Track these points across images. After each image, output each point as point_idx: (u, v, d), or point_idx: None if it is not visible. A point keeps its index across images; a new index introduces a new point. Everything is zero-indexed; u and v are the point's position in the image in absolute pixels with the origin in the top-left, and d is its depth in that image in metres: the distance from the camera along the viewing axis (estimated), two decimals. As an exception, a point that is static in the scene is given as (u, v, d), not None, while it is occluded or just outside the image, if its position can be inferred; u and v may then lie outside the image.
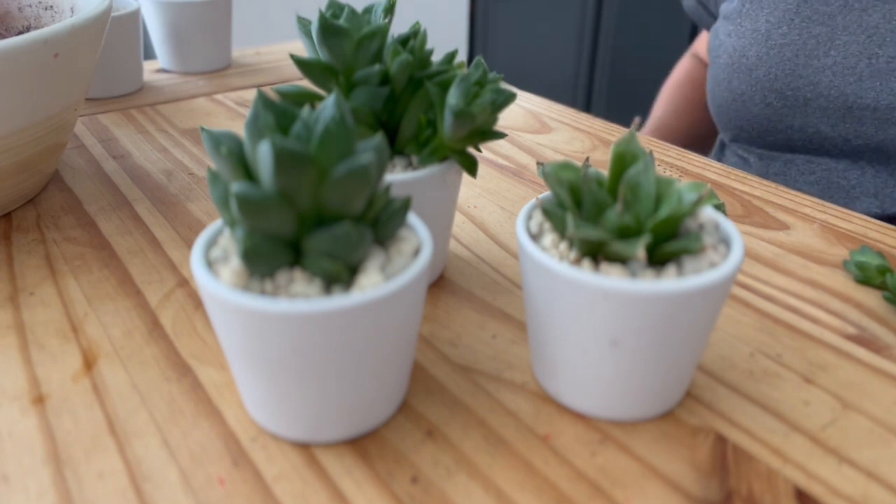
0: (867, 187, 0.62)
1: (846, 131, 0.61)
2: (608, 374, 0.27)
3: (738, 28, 0.67)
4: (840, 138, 0.61)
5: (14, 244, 0.41)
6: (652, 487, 0.26)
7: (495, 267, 0.40)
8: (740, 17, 0.66)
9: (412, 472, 0.26)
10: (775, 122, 0.65)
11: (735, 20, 0.67)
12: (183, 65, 0.73)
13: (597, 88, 2.15)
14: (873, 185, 0.62)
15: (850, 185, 0.63)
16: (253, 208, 0.23)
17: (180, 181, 0.49)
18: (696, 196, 0.26)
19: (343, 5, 0.34)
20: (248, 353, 0.25)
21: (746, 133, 0.68)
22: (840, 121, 0.61)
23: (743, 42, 0.65)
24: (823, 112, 0.61)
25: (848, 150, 0.62)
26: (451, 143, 0.33)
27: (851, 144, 0.61)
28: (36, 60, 0.37)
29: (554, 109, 0.65)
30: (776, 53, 0.62)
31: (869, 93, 0.58)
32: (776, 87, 0.63)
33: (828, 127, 0.61)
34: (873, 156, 0.61)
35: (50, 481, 0.26)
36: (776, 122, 0.65)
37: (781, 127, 0.64)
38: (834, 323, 0.35)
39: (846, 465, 0.27)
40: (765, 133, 0.66)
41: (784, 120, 0.64)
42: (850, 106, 0.59)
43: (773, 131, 0.66)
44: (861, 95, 0.59)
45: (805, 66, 0.61)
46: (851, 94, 0.59)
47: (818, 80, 0.60)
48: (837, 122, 0.61)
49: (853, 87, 0.59)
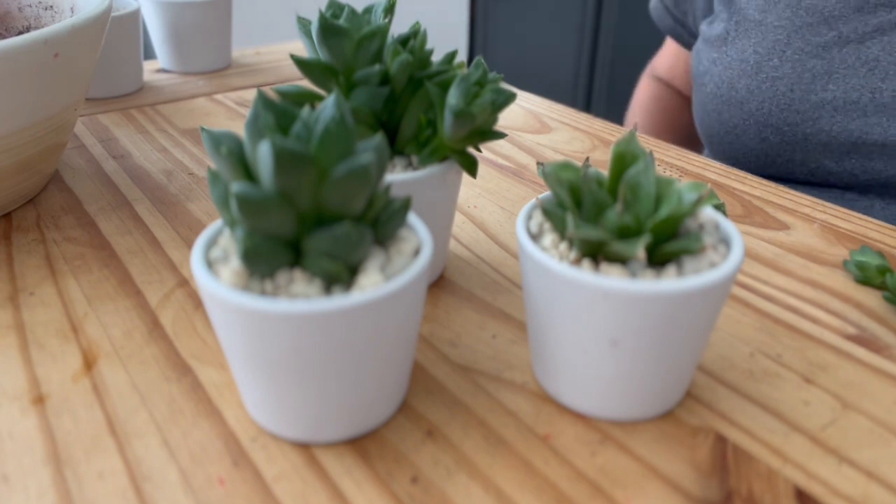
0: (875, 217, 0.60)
1: (852, 167, 0.58)
2: (608, 374, 0.27)
3: (723, 56, 0.63)
4: (846, 173, 0.58)
5: (14, 244, 0.41)
6: (652, 487, 0.26)
7: (495, 267, 0.40)
8: (725, 44, 0.63)
9: (412, 472, 0.26)
10: (774, 156, 0.61)
11: (719, 47, 0.63)
12: (183, 65, 0.73)
13: (597, 88, 2.16)
14: (883, 218, 0.59)
15: None
16: (253, 208, 0.23)
17: (180, 181, 0.49)
18: (696, 196, 0.26)
19: (343, 5, 0.34)
20: (248, 353, 0.25)
21: (743, 165, 0.64)
22: (845, 156, 0.58)
23: (730, 73, 0.62)
24: (826, 147, 0.58)
25: (855, 184, 0.59)
26: (451, 143, 0.33)
27: (859, 179, 0.58)
28: (36, 60, 0.37)
29: (554, 109, 0.65)
30: (768, 87, 0.59)
31: (875, 128, 0.55)
32: (771, 122, 0.59)
33: (832, 162, 0.58)
34: (883, 189, 0.58)
35: (50, 481, 0.26)
36: (775, 157, 0.61)
37: (781, 161, 0.61)
38: (834, 323, 0.35)
39: (846, 465, 0.27)
40: (763, 166, 0.63)
41: (783, 154, 0.60)
42: (855, 142, 0.56)
43: (772, 165, 0.62)
44: (867, 131, 0.56)
45: (802, 100, 0.58)
46: (856, 129, 0.56)
47: (818, 116, 0.57)
48: (842, 157, 0.58)
49: (858, 123, 0.56)
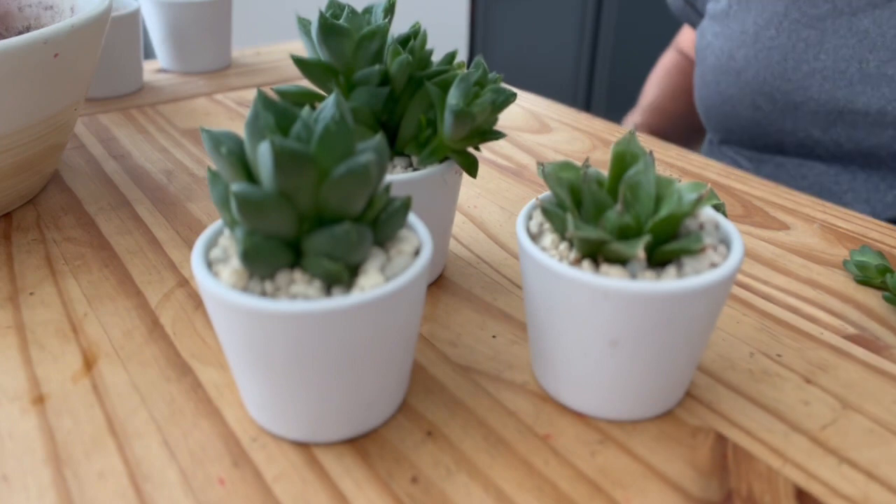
0: (859, 192, 0.61)
1: (837, 135, 0.60)
2: (608, 374, 0.27)
3: (725, 29, 0.65)
4: (832, 142, 0.61)
5: (14, 244, 0.41)
6: (652, 487, 0.26)
7: (495, 267, 0.40)
8: (727, 18, 0.65)
9: (412, 472, 0.26)
10: (765, 125, 0.64)
11: (722, 21, 0.66)
12: (183, 65, 0.73)
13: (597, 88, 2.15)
14: (865, 190, 0.61)
15: (842, 191, 0.62)
16: (253, 208, 0.23)
17: (180, 181, 0.49)
18: (696, 196, 0.26)
19: (343, 5, 0.34)
20: (248, 353, 0.25)
21: (736, 136, 0.67)
22: (831, 125, 0.60)
23: (730, 44, 0.64)
24: (814, 116, 0.60)
25: (840, 154, 0.61)
26: (451, 143, 0.33)
27: (843, 149, 0.60)
28: (36, 60, 0.37)
29: (554, 109, 0.65)
30: (764, 56, 0.61)
31: (860, 97, 0.57)
32: (765, 91, 0.62)
33: (819, 131, 0.61)
34: (865, 160, 0.61)
35: (50, 481, 0.26)
36: (766, 126, 0.64)
37: (771, 130, 0.64)
38: (834, 323, 0.35)
39: (846, 465, 0.27)
40: (755, 136, 0.65)
41: (774, 123, 0.63)
42: (841, 110, 0.59)
43: (762, 135, 0.65)
44: (852, 100, 0.58)
45: (794, 69, 0.60)
46: (842, 98, 0.58)
47: (808, 84, 0.59)
48: (828, 126, 0.60)
49: (844, 92, 0.58)
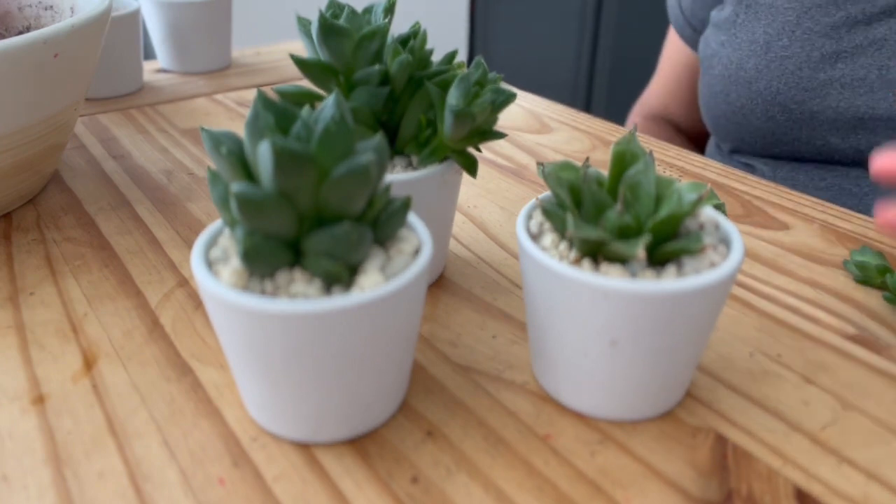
0: (880, 194, 0.60)
1: (858, 143, 0.59)
2: (608, 374, 0.27)
3: (732, 38, 0.64)
4: (851, 149, 0.60)
5: (14, 244, 0.41)
6: (652, 487, 0.26)
7: (495, 267, 0.40)
8: (734, 27, 0.65)
9: (412, 472, 0.26)
10: (780, 135, 0.63)
11: (728, 30, 0.65)
12: (183, 65, 0.73)
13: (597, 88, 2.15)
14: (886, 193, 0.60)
15: (862, 193, 0.61)
16: (253, 208, 0.23)
17: (180, 181, 0.49)
18: (696, 196, 0.26)
19: (343, 5, 0.34)
20: (248, 353, 0.25)
21: (749, 145, 0.66)
22: (851, 133, 0.59)
23: (739, 54, 0.63)
24: (832, 125, 0.59)
25: (860, 160, 0.60)
26: (451, 143, 0.33)
27: (864, 155, 0.60)
28: (36, 60, 0.37)
29: (554, 109, 0.65)
30: (777, 66, 0.61)
31: (881, 103, 0.57)
32: (779, 101, 0.61)
33: (838, 139, 0.60)
34: None
35: (50, 481, 0.26)
36: (780, 136, 0.63)
37: (787, 140, 0.63)
38: (834, 323, 0.35)
39: (846, 465, 0.27)
40: (769, 145, 0.64)
41: (789, 133, 0.62)
42: (862, 117, 0.58)
43: (777, 143, 0.64)
44: (873, 106, 0.57)
45: (810, 78, 0.59)
46: (863, 105, 0.57)
47: (826, 93, 0.59)
48: (848, 133, 0.59)
49: (864, 99, 0.57)
